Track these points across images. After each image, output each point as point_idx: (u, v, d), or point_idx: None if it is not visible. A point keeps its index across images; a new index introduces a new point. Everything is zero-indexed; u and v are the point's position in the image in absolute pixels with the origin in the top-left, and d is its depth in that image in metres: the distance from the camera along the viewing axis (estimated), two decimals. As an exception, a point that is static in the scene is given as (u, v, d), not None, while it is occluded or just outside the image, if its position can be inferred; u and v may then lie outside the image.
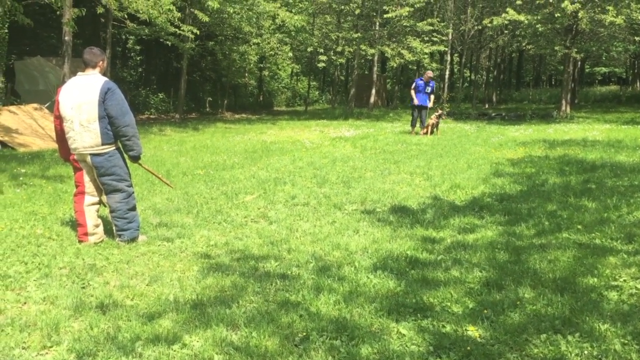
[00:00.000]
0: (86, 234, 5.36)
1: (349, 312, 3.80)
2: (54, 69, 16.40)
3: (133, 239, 5.40)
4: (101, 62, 5.24)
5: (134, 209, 5.46)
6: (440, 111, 16.23)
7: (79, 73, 5.27)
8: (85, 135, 5.10)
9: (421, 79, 16.54)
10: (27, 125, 13.72)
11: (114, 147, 5.27)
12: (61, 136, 5.31)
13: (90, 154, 5.16)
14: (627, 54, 46.64)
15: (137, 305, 3.97)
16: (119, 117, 5.07)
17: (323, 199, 7.39)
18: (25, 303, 4.02)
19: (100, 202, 5.50)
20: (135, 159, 5.37)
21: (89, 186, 5.38)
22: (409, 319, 3.71)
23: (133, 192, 5.51)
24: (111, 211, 5.38)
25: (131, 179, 5.53)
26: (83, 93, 5.05)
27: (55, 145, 12.48)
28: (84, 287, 4.31)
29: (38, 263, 4.77)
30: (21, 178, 8.58)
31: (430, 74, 16.61)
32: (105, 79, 5.14)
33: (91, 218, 5.38)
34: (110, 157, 5.22)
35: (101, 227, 5.48)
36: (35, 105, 15.02)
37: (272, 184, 8.30)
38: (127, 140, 5.19)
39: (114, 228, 5.43)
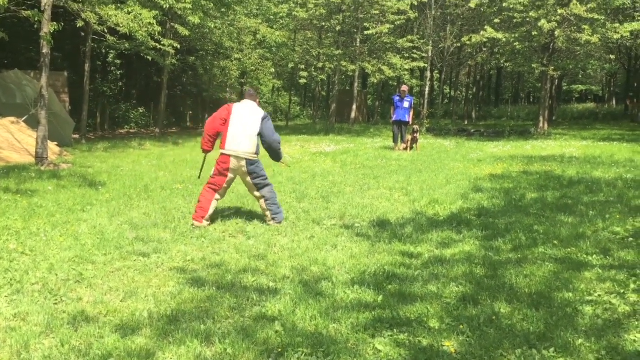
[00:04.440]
0: (204, 217, 6.66)
1: (326, 328, 3.78)
2: (32, 82, 16.17)
3: (281, 221, 6.85)
4: (257, 100, 7.10)
5: (276, 197, 7.04)
6: (415, 127, 16.36)
7: (245, 100, 7.00)
8: (247, 142, 6.71)
9: (397, 95, 16.66)
10: (4, 139, 13.53)
11: (258, 158, 6.89)
12: (215, 136, 6.89)
13: (246, 160, 6.71)
14: (603, 72, 47.65)
15: (111, 321, 3.90)
16: (270, 136, 6.86)
17: (302, 214, 7.38)
18: (-5, 320, 3.93)
19: (217, 201, 6.97)
20: (278, 161, 7.34)
21: (224, 189, 6.92)
22: (386, 334, 3.69)
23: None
24: (266, 200, 6.88)
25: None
26: (252, 114, 6.82)
27: (30, 160, 12.34)
28: (56, 304, 4.23)
29: (10, 279, 4.68)
30: (-5, 192, 8.44)
31: (405, 88, 16.70)
32: (262, 110, 6.99)
33: (212, 209, 6.78)
34: (258, 165, 6.87)
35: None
36: (12, 118, 14.81)
37: (250, 199, 8.25)
38: (272, 151, 7.00)
39: (268, 214, 6.85)
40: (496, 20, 24.68)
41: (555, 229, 6.30)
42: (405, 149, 16.01)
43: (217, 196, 6.84)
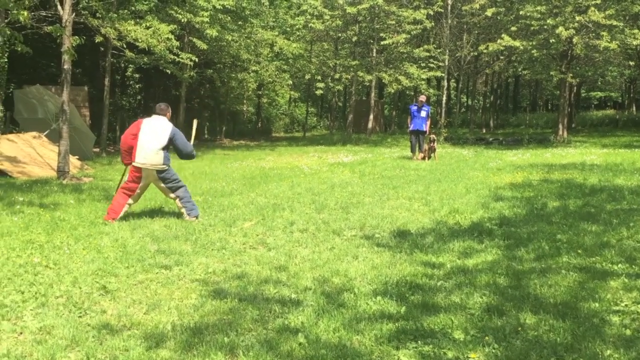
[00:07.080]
0: (114, 219, 7.47)
1: (349, 340, 3.76)
2: (53, 98, 16.41)
3: (197, 216, 7.68)
4: (167, 114, 7.81)
5: (191, 196, 7.88)
6: (432, 136, 16.33)
7: (155, 116, 7.71)
8: (153, 156, 7.48)
9: (415, 105, 16.65)
10: (26, 153, 13.74)
11: (169, 166, 7.67)
12: (129, 150, 7.56)
13: (156, 170, 7.54)
14: (622, 78, 47.13)
15: (135, 334, 3.92)
16: (184, 149, 7.78)
17: (322, 225, 7.37)
18: (21, 333, 3.97)
19: (130, 205, 7.81)
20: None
21: (137, 194, 7.75)
22: (410, 345, 3.66)
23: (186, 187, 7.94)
24: (181, 199, 7.71)
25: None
26: (160, 130, 7.57)
27: (53, 173, 12.51)
28: (80, 317, 4.26)
29: (35, 292, 4.73)
30: (18, 206, 8.55)
31: (422, 98, 16.69)
32: (172, 125, 7.72)
33: (123, 212, 7.63)
34: (168, 171, 7.66)
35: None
36: (34, 133, 15.04)
37: (270, 210, 8.28)
38: (188, 157, 8.00)
39: (184, 211, 7.67)
40: (513, 28, 24.56)
41: (578, 238, 6.22)
42: (423, 158, 15.95)
43: (130, 201, 7.70)
